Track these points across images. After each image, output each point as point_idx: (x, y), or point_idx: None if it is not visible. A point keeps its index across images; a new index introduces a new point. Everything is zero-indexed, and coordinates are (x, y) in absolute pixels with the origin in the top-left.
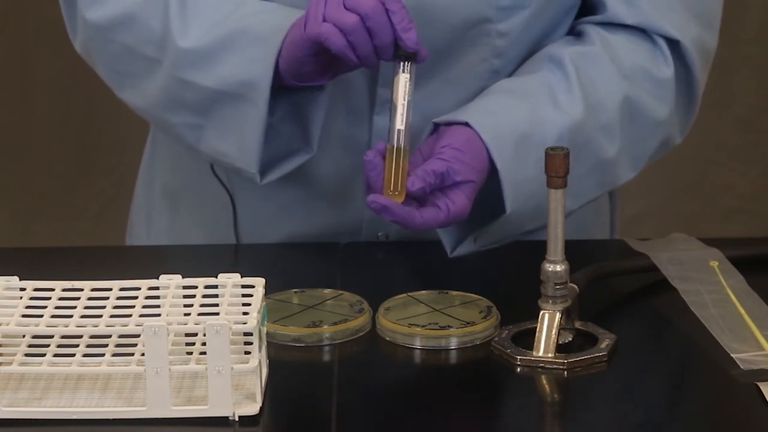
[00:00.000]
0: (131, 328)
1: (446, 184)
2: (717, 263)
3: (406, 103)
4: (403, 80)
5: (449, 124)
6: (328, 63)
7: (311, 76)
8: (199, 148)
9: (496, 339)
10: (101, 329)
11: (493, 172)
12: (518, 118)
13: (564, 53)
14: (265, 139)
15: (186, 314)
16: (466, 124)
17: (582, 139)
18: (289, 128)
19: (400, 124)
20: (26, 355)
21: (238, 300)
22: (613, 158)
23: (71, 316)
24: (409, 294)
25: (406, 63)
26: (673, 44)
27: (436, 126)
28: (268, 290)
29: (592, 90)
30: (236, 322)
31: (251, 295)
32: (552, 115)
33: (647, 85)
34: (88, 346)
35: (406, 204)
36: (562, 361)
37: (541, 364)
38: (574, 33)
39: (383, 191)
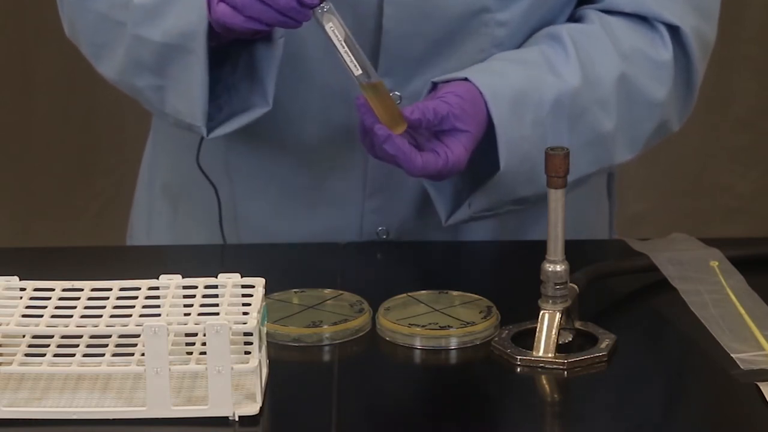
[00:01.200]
0: (131, 328)
1: (445, 128)
2: (717, 263)
3: (345, 46)
4: (329, 29)
5: (448, 82)
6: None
7: (245, 35)
8: (165, 110)
9: (496, 339)
10: (101, 329)
11: (488, 129)
12: (516, 78)
13: (562, 30)
14: (226, 98)
15: (186, 314)
16: (465, 80)
17: (579, 109)
18: (247, 85)
19: (355, 69)
20: (26, 355)
21: (238, 300)
22: (609, 133)
23: (71, 316)
24: (409, 294)
25: (322, 9)
26: (673, 30)
27: (434, 85)
28: (268, 290)
29: (590, 64)
30: (236, 322)
31: (251, 295)
32: (550, 80)
33: (645, 66)
34: (88, 346)
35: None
36: (562, 361)
37: (541, 364)
38: (574, 19)
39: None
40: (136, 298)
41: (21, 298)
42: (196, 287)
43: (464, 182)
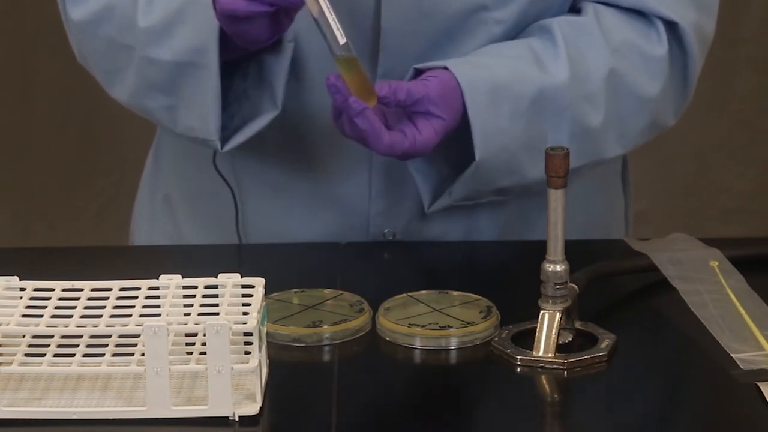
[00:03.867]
0: (131, 328)
1: (419, 110)
2: (717, 263)
3: (331, 9)
4: None
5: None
6: (259, 22)
7: (254, 39)
8: (177, 130)
9: (496, 339)
10: (101, 329)
11: (465, 120)
12: (497, 71)
13: (553, 22)
14: (237, 107)
15: (186, 314)
16: (445, 69)
17: (563, 104)
18: (256, 90)
19: (340, 38)
20: (26, 355)
21: (238, 300)
22: (597, 128)
23: (71, 316)
24: (409, 294)
25: None
26: (671, 26)
27: (416, 72)
28: (268, 290)
29: (579, 59)
30: (236, 322)
31: (251, 295)
32: (534, 74)
33: (637, 61)
34: (88, 346)
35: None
36: (562, 361)
37: (541, 364)
38: (572, 10)
39: None
40: (136, 298)
41: (21, 298)
42: (196, 287)
43: (448, 171)
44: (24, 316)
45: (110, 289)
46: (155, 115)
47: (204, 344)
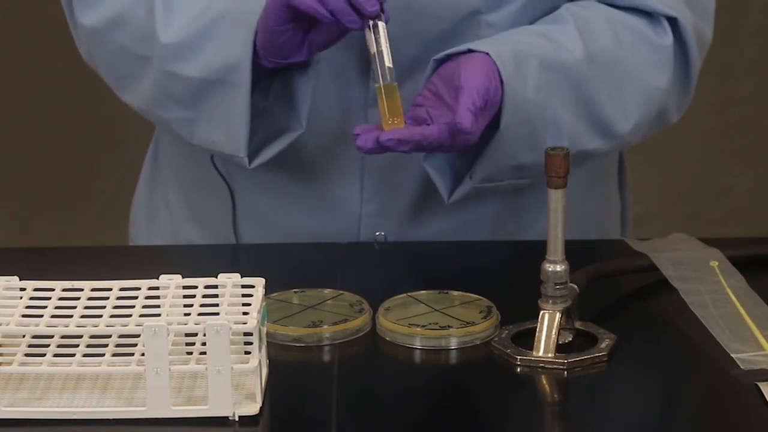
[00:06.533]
0: (131, 328)
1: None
2: (717, 263)
3: (389, 46)
4: (382, 26)
5: (448, 58)
6: (304, 29)
7: (289, 49)
8: (193, 142)
9: (496, 339)
10: (101, 329)
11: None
12: (514, 43)
13: (562, 8)
14: (259, 123)
15: (186, 314)
16: (469, 51)
17: (579, 80)
18: (281, 108)
19: (389, 62)
20: (26, 355)
21: (238, 300)
22: (608, 108)
23: (71, 316)
24: (409, 294)
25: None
26: (671, 21)
27: (438, 64)
28: (268, 290)
29: (591, 39)
30: (236, 322)
31: (251, 295)
32: (546, 45)
33: (644, 50)
34: (88, 346)
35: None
36: (562, 361)
37: (541, 364)
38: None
39: (384, 126)
40: (136, 298)
41: (21, 298)
42: (196, 287)
43: (462, 160)
44: (24, 316)
45: (110, 289)
46: (170, 125)
47: (204, 344)
